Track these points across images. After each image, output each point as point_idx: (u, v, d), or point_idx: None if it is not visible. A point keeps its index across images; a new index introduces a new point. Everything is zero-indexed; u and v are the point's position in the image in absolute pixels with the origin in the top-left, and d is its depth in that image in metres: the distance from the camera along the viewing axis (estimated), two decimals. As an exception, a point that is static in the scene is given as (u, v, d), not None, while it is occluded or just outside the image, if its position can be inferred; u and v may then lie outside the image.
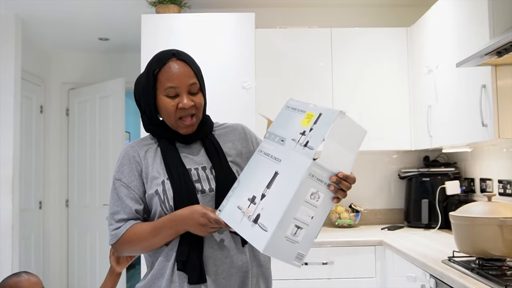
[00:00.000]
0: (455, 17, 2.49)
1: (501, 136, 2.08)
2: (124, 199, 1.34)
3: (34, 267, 4.26)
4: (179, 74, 1.34)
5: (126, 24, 3.81)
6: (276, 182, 1.11)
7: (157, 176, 1.34)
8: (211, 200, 1.33)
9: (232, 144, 1.46)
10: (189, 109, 1.35)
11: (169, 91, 1.34)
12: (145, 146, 1.41)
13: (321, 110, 1.14)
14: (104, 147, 4.32)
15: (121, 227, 1.32)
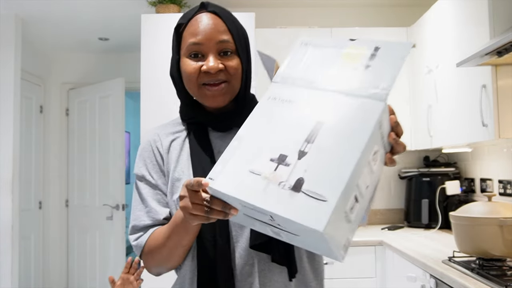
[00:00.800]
0: (455, 17, 2.49)
1: (501, 136, 2.08)
2: (148, 201, 1.06)
3: (34, 267, 4.26)
4: (206, 28, 1.01)
5: (126, 24, 3.81)
6: (322, 134, 0.77)
7: (180, 178, 1.04)
8: None
9: None
10: (216, 73, 0.99)
11: (191, 49, 1.01)
12: (171, 134, 1.10)
13: (372, 44, 0.87)
14: (104, 147, 4.32)
15: (142, 235, 1.05)
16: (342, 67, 0.85)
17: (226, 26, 1.05)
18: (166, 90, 3.02)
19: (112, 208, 4.17)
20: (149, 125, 2.99)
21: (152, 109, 3.00)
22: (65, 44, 4.41)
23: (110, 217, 4.18)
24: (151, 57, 3.01)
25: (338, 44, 0.89)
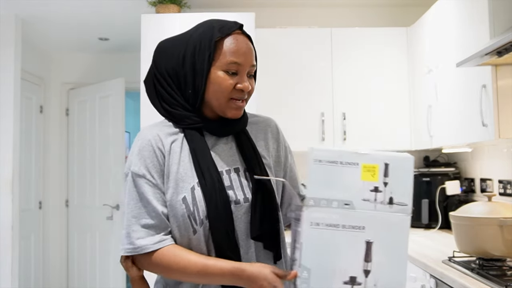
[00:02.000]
0: (455, 17, 2.49)
1: (501, 136, 2.08)
2: (150, 200, 1.09)
3: (34, 267, 4.26)
4: (246, 50, 1.13)
5: (126, 24, 3.81)
6: (374, 251, 0.97)
7: (184, 179, 1.10)
8: (245, 212, 1.12)
9: (265, 143, 1.24)
10: (245, 93, 1.14)
11: (230, 67, 1.11)
12: (170, 135, 1.15)
13: (382, 159, 1.00)
14: (104, 147, 4.32)
15: (148, 238, 1.08)
16: (365, 184, 0.99)
17: (254, 52, 1.17)
18: (166, 90, 3.03)
19: (112, 208, 4.17)
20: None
21: (152, 109, 2.98)
22: (65, 44, 4.41)
23: (110, 217, 4.18)
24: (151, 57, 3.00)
25: (349, 158, 1.00)
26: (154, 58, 1.22)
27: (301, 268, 0.98)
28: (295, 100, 3.23)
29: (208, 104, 1.16)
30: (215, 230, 1.08)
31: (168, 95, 1.17)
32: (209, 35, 1.13)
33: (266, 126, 1.27)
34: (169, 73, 1.17)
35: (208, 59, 1.12)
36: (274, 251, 1.16)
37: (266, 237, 1.14)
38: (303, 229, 0.99)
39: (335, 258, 0.97)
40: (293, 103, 3.22)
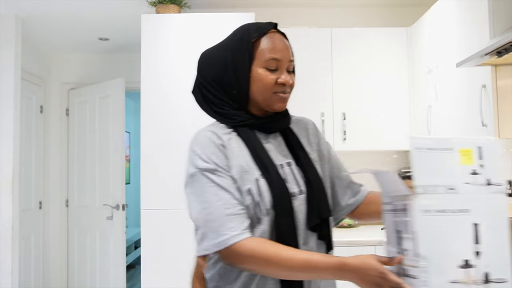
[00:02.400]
0: (455, 17, 2.49)
1: (501, 136, 2.08)
2: (230, 190, 1.11)
3: (34, 267, 4.26)
4: (283, 47, 1.20)
5: (126, 24, 3.81)
6: (482, 233, 1.00)
7: (248, 171, 1.14)
8: (301, 204, 1.17)
9: (307, 140, 1.31)
10: (287, 87, 1.21)
11: (270, 63, 1.18)
12: (226, 134, 1.19)
13: (474, 143, 1.04)
14: (104, 147, 4.32)
15: (239, 226, 1.08)
16: (464, 168, 1.02)
17: (291, 49, 1.24)
18: (166, 90, 3.03)
19: (112, 208, 4.17)
20: (149, 125, 2.99)
21: (152, 109, 3.00)
22: (65, 44, 4.41)
23: (110, 217, 4.18)
24: (151, 57, 3.01)
25: (445, 144, 1.03)
26: (198, 68, 1.28)
27: (418, 257, 0.97)
28: (295, 100, 3.22)
29: (254, 102, 1.22)
30: (280, 220, 1.12)
31: (216, 98, 1.23)
32: (246, 37, 1.20)
33: (306, 123, 1.35)
34: (214, 80, 1.23)
35: (248, 59, 1.19)
36: (327, 241, 1.21)
37: (322, 227, 1.19)
38: (414, 218, 0.99)
39: (448, 244, 0.99)
40: (293, 103, 3.21)
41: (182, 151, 3.06)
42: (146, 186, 2.96)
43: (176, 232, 2.94)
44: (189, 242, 3.03)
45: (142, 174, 2.98)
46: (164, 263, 2.93)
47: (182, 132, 2.99)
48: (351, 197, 1.32)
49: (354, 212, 1.34)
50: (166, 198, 2.95)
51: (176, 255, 2.92)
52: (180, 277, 2.95)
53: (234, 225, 1.08)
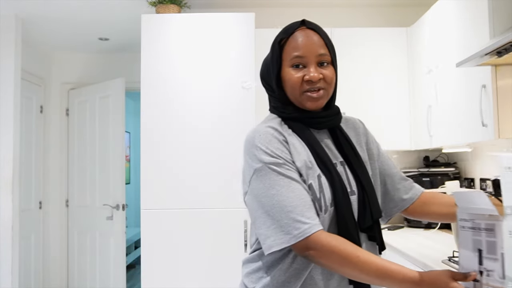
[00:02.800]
0: (455, 17, 2.49)
1: (501, 136, 2.08)
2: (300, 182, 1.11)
3: (34, 267, 4.26)
4: (307, 42, 1.18)
5: (126, 24, 3.81)
6: None
7: (311, 167, 1.14)
8: (353, 204, 1.16)
9: (357, 139, 1.30)
10: (317, 82, 1.16)
11: (295, 61, 1.18)
12: (285, 130, 1.20)
13: None
14: (104, 147, 4.32)
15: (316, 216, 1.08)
16: None
17: (323, 41, 1.20)
18: (166, 90, 3.03)
19: (112, 208, 4.17)
20: (149, 125, 2.99)
21: (152, 109, 3.00)
22: (65, 44, 4.41)
23: (110, 217, 4.18)
24: (151, 57, 3.01)
25: None
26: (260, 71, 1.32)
27: (506, 279, 0.96)
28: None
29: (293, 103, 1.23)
30: (340, 217, 1.11)
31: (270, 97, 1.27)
32: (276, 40, 1.22)
33: (354, 123, 1.34)
34: (266, 84, 1.27)
35: (277, 61, 1.21)
36: (378, 242, 1.20)
37: (372, 229, 1.18)
38: (503, 239, 0.97)
39: None
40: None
41: (182, 151, 3.07)
42: (146, 186, 2.96)
43: (176, 232, 2.94)
44: (189, 242, 3.04)
45: (142, 174, 2.99)
46: (164, 263, 2.93)
47: (182, 132, 2.99)
48: (404, 194, 1.32)
49: (408, 209, 1.33)
50: (166, 198, 2.95)
51: (176, 255, 2.92)
52: (180, 277, 2.95)
53: (312, 214, 1.07)
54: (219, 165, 2.96)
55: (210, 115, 3.01)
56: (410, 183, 1.35)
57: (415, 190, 1.34)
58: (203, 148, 2.98)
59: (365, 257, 1.02)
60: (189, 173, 2.97)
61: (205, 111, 3.00)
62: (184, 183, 2.97)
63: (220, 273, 2.89)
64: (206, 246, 2.89)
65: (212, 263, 2.90)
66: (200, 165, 2.97)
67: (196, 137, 2.99)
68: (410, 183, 1.35)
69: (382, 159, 1.34)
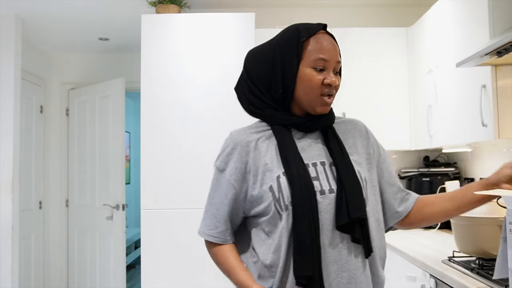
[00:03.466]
0: (455, 17, 2.49)
1: (501, 136, 2.08)
2: (223, 196, 1.23)
3: (34, 267, 4.26)
4: (331, 47, 1.20)
5: (126, 24, 3.81)
6: None
7: (271, 169, 1.18)
8: (330, 203, 1.16)
9: (353, 141, 1.29)
10: (333, 87, 1.21)
11: (318, 63, 1.19)
12: (256, 133, 1.25)
13: None
14: (104, 148, 4.32)
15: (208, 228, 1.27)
16: None
17: (339, 50, 1.24)
18: (166, 90, 3.03)
19: (112, 208, 4.17)
20: (149, 125, 2.99)
21: (152, 109, 3.00)
22: (65, 44, 4.41)
23: (110, 217, 4.18)
24: (151, 57, 3.01)
25: None
26: (245, 65, 1.31)
27: None
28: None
29: (297, 102, 1.23)
30: (298, 216, 1.12)
31: (257, 99, 1.26)
32: (296, 37, 1.21)
33: (354, 125, 1.33)
34: (260, 77, 1.25)
35: (297, 58, 1.20)
36: (363, 245, 1.16)
37: (353, 229, 1.14)
38: None
39: None
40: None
41: (182, 151, 3.07)
42: (146, 186, 2.96)
43: (176, 232, 2.94)
44: (189, 242, 3.04)
45: (142, 174, 2.99)
46: (164, 263, 2.93)
47: (182, 132, 2.99)
48: (398, 206, 1.30)
49: (404, 222, 1.31)
50: (166, 198, 2.95)
51: (176, 255, 2.92)
52: (180, 277, 2.95)
53: (207, 223, 1.29)
54: (219, 165, 2.95)
55: (210, 115, 3.01)
56: (406, 195, 1.32)
57: (408, 202, 1.31)
58: (203, 148, 2.98)
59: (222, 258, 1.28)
60: (189, 173, 2.97)
61: (205, 111, 3.01)
62: (184, 183, 2.97)
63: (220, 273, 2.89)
64: (206, 246, 2.89)
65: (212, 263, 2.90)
66: (200, 165, 2.97)
67: (196, 137, 2.99)
68: (405, 195, 1.33)
69: (383, 167, 1.32)
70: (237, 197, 1.22)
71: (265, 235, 1.20)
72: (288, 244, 1.14)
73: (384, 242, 1.25)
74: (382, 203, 1.30)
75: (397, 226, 1.33)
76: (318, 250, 1.12)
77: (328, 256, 1.14)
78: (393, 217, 1.30)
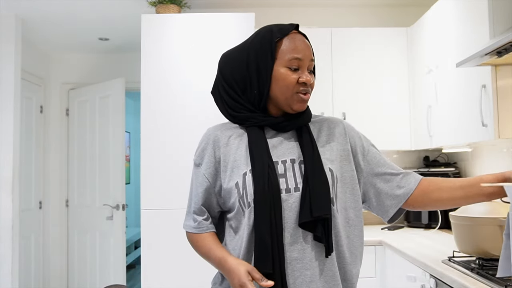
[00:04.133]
0: (455, 17, 2.49)
1: (501, 136, 2.08)
2: (198, 188, 1.28)
3: (34, 267, 4.26)
4: (304, 47, 1.23)
5: (126, 24, 3.81)
6: None
7: (239, 166, 1.22)
8: (295, 201, 1.16)
9: (327, 139, 1.29)
10: (308, 86, 1.23)
11: (292, 63, 1.21)
12: (229, 130, 1.29)
13: None
14: (104, 147, 4.32)
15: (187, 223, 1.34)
16: None
17: (312, 49, 1.26)
18: (166, 90, 3.03)
19: (112, 208, 4.17)
20: (149, 125, 2.99)
21: (152, 109, 3.00)
22: (65, 44, 4.41)
23: (110, 217, 4.18)
24: (151, 57, 3.01)
25: None
26: (219, 68, 1.32)
27: None
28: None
29: (273, 101, 1.26)
30: (259, 213, 1.14)
31: (233, 101, 1.27)
32: (269, 37, 1.24)
33: (331, 123, 1.33)
34: (235, 79, 1.27)
35: (271, 58, 1.22)
36: (324, 243, 1.16)
37: (315, 228, 1.15)
38: None
39: None
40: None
41: (182, 151, 3.07)
42: (146, 186, 2.96)
43: (176, 232, 2.93)
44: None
45: (142, 174, 2.98)
46: (164, 263, 2.93)
47: (182, 132, 2.99)
48: (397, 189, 1.28)
49: (408, 203, 1.28)
50: (166, 198, 2.95)
51: (176, 255, 2.92)
52: (180, 277, 2.95)
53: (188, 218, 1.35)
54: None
55: (210, 115, 3.00)
56: (403, 177, 1.29)
57: (409, 184, 1.28)
58: (203, 148, 2.98)
59: (200, 244, 1.28)
60: (189, 173, 2.96)
61: (205, 111, 3.00)
62: (184, 183, 2.96)
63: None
64: (206, 246, 2.88)
65: (212, 263, 2.90)
66: (200, 165, 2.97)
67: (196, 137, 2.99)
68: (403, 177, 1.29)
69: (368, 159, 1.30)
70: (211, 190, 1.27)
71: (233, 231, 1.23)
72: (249, 241, 1.17)
73: (358, 239, 1.25)
74: (378, 194, 1.29)
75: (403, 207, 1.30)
76: (280, 247, 1.13)
77: (292, 254, 1.15)
78: (393, 204, 1.28)
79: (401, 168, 1.33)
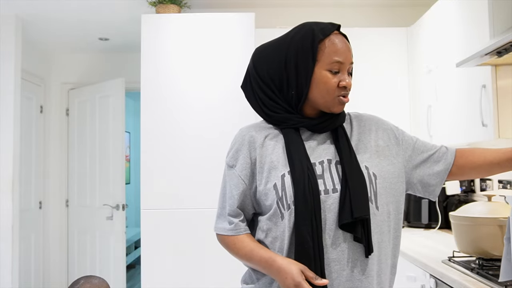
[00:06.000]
0: (455, 17, 2.49)
1: (501, 136, 2.08)
2: (233, 190, 1.23)
3: (34, 267, 4.26)
4: (345, 49, 1.22)
5: (126, 24, 3.81)
6: None
7: (276, 167, 1.19)
8: (333, 202, 1.15)
9: (360, 137, 1.28)
10: (348, 89, 1.23)
11: (333, 66, 1.20)
12: (264, 130, 1.25)
13: None
14: (104, 147, 4.32)
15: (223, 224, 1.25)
16: None
17: (351, 51, 1.24)
18: (166, 90, 3.03)
19: (112, 208, 4.17)
20: (149, 125, 2.99)
21: (152, 109, 3.00)
22: (65, 44, 4.41)
23: (110, 217, 4.18)
24: (151, 57, 3.01)
25: None
26: (253, 63, 1.27)
27: None
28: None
29: (311, 103, 1.23)
30: (300, 215, 1.12)
31: (269, 99, 1.23)
32: (311, 37, 1.19)
33: (362, 119, 1.33)
34: (271, 77, 1.22)
35: (312, 59, 1.18)
36: (364, 244, 1.15)
37: (355, 228, 1.14)
38: None
39: None
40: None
41: (182, 151, 3.07)
42: (146, 186, 2.96)
43: (176, 232, 2.94)
44: (189, 242, 3.04)
45: (142, 174, 2.98)
46: (164, 263, 2.93)
47: (182, 132, 2.99)
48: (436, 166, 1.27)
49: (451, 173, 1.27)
50: (166, 198, 2.95)
51: (176, 255, 2.92)
52: (180, 277, 2.95)
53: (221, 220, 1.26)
54: (219, 164, 2.95)
55: (210, 115, 3.01)
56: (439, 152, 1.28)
57: (446, 158, 1.27)
58: (203, 148, 2.98)
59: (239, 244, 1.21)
60: (189, 173, 2.97)
61: (205, 111, 3.01)
62: (184, 183, 2.97)
63: (220, 273, 2.89)
64: (206, 246, 2.89)
65: (212, 263, 2.90)
66: (200, 164, 2.97)
67: (196, 137, 2.99)
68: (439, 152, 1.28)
69: (404, 147, 1.28)
70: (247, 192, 1.23)
71: (263, 233, 1.21)
72: (289, 243, 1.14)
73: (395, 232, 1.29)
74: (420, 178, 1.28)
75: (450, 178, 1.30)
76: (321, 249, 1.12)
77: (330, 255, 1.14)
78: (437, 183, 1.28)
79: (433, 145, 1.32)
